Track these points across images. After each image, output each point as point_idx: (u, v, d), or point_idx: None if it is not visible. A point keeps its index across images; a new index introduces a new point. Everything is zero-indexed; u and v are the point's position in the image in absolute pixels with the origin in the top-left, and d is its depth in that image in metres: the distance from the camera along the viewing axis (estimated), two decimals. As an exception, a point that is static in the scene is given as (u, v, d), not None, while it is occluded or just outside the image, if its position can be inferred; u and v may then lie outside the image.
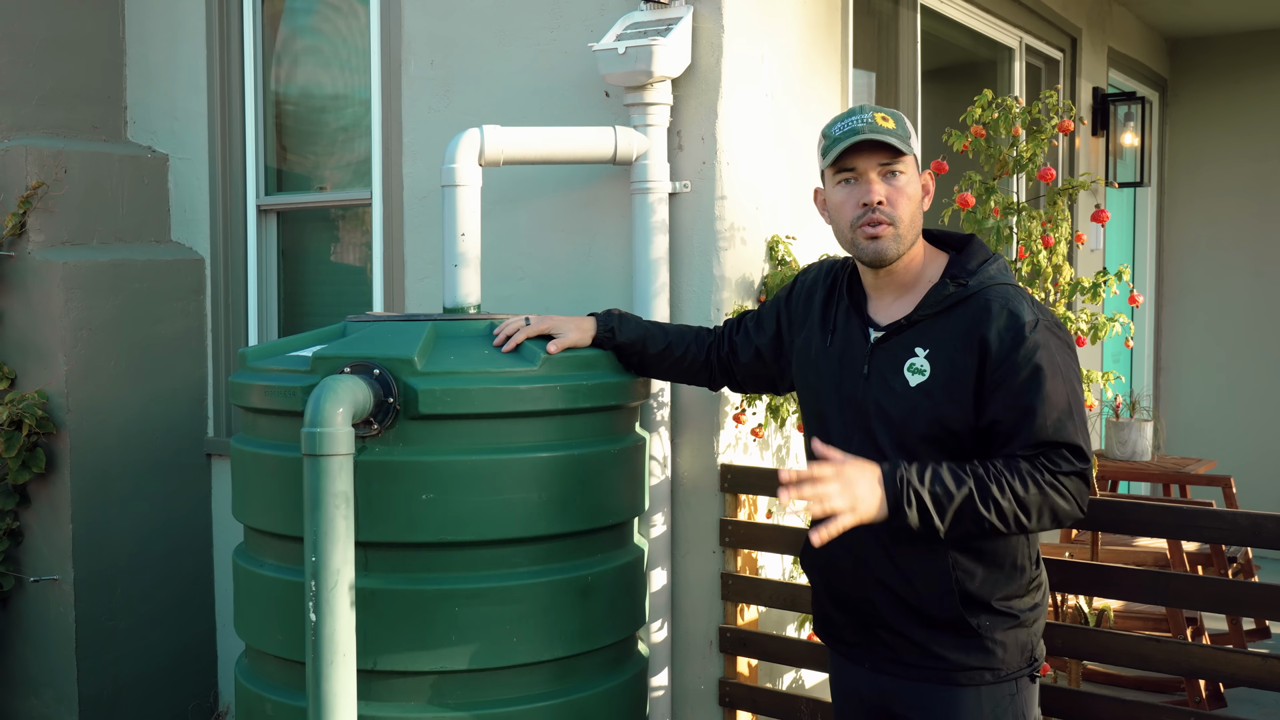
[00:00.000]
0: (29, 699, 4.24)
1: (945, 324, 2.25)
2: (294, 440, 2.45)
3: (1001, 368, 2.17)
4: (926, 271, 2.33)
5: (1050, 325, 2.22)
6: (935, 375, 2.23)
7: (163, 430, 4.28)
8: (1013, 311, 2.20)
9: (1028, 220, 3.22)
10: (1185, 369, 7.39)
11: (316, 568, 2.36)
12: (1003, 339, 2.18)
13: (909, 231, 2.28)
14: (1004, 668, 2.26)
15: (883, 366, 2.29)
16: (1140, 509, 2.63)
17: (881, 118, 2.28)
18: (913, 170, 2.31)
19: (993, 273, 2.27)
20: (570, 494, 2.67)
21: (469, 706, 2.59)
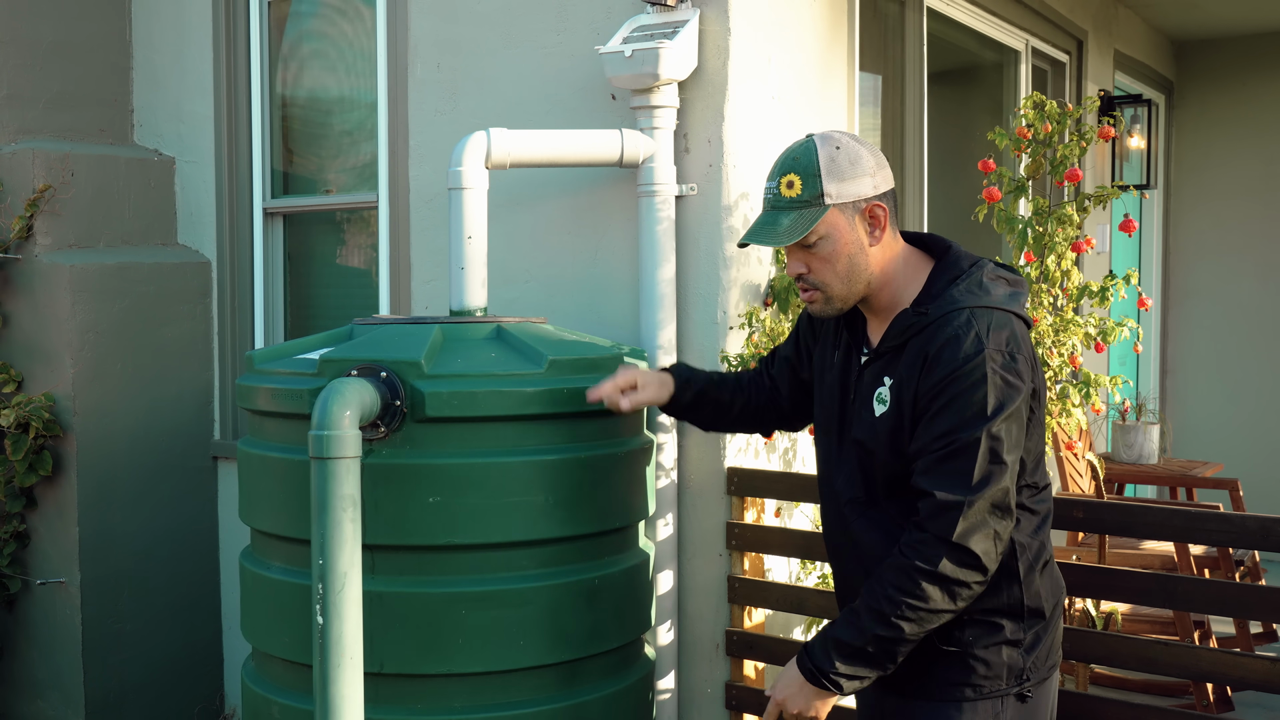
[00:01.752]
0: (35, 702, 4.25)
1: (906, 353, 2.18)
2: (301, 443, 2.45)
3: (928, 394, 2.12)
4: (905, 292, 2.25)
5: (998, 354, 2.10)
6: (892, 405, 2.19)
7: (169, 433, 4.29)
8: (954, 339, 2.11)
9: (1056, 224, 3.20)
10: (1192, 372, 7.37)
11: (324, 570, 2.35)
12: (935, 363, 2.11)
13: (845, 286, 2.22)
14: (986, 685, 2.18)
15: (863, 394, 2.27)
16: (1148, 512, 2.62)
17: (787, 183, 2.19)
18: (833, 225, 2.18)
19: (956, 295, 2.16)
20: (577, 497, 2.66)
21: (475, 710, 2.59)
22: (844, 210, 2.19)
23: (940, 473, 2.09)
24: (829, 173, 2.18)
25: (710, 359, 3.24)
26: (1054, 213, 3.22)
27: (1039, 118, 3.27)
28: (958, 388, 2.09)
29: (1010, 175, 3.35)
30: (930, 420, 2.11)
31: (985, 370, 2.08)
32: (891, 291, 2.25)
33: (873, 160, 2.23)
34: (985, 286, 2.19)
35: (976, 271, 2.21)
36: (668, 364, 3.20)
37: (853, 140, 2.24)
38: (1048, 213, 3.23)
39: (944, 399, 2.10)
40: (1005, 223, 3.28)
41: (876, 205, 2.21)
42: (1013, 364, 2.12)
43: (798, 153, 2.22)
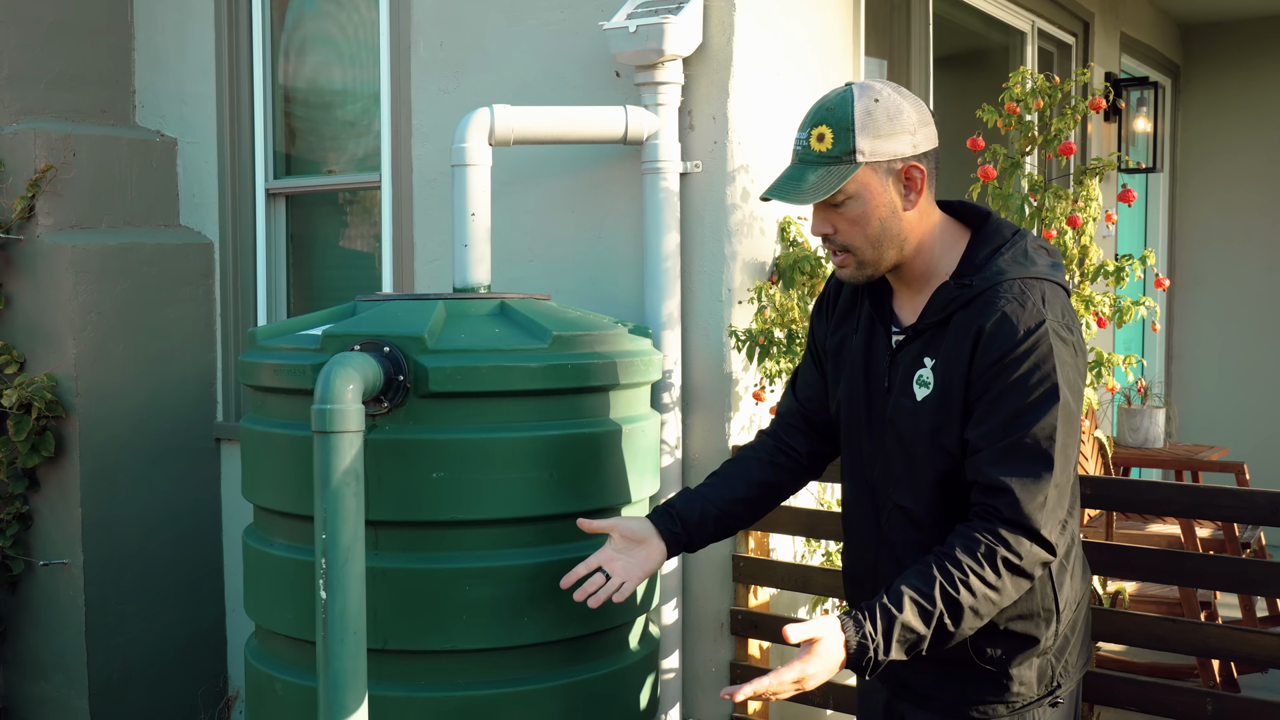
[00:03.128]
0: (39, 683, 4.24)
1: (950, 330, 2.02)
2: (304, 419, 2.43)
3: (986, 374, 1.96)
4: (943, 262, 2.08)
5: (1059, 328, 1.96)
6: (937, 388, 2.03)
7: (172, 414, 4.28)
8: (1008, 312, 1.95)
9: (1053, 198, 3.18)
10: (1198, 358, 7.35)
11: (327, 545, 2.34)
12: (992, 340, 1.95)
13: (876, 251, 2.05)
14: (1019, 700, 2.08)
15: (899, 378, 2.10)
16: (1156, 488, 2.60)
17: (818, 135, 2.01)
18: (863, 184, 2.01)
19: (1002, 265, 2.01)
20: (581, 473, 2.65)
21: (479, 686, 2.58)
22: (877, 169, 2.01)
23: (1013, 460, 1.93)
24: (864, 127, 1.99)
25: (714, 335, 3.22)
26: (1050, 187, 3.20)
27: (1030, 93, 3.25)
28: (1022, 365, 1.93)
29: (1005, 152, 3.33)
30: (993, 402, 1.95)
31: (1050, 343, 1.93)
32: (926, 261, 2.08)
33: (915, 116, 2.04)
34: (1031, 256, 2.04)
35: (1020, 240, 2.06)
36: (672, 342, 3.19)
37: (895, 92, 2.04)
38: (1044, 188, 3.21)
39: (1007, 377, 1.93)
40: (1000, 200, 3.26)
41: (914, 166, 2.03)
42: (1073, 336, 1.98)
43: (833, 103, 2.03)
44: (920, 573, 1.95)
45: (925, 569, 1.96)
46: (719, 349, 3.24)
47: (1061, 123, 3.24)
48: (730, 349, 3.22)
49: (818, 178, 2.00)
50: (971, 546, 1.94)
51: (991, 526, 1.94)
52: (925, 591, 1.93)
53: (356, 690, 2.35)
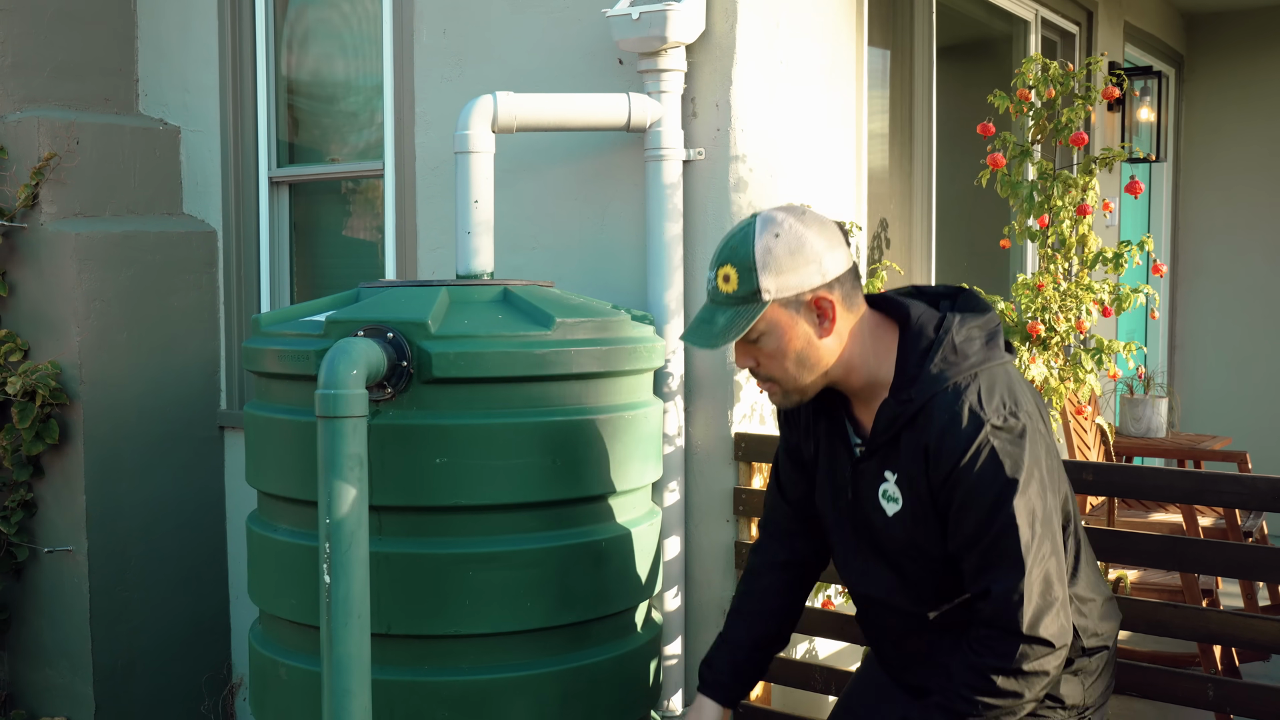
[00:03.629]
0: (44, 670, 4.26)
1: (902, 447, 2.06)
2: (308, 405, 2.44)
3: (944, 489, 2.00)
4: (881, 370, 2.10)
5: (998, 423, 1.98)
6: (907, 502, 2.08)
7: (176, 402, 4.28)
8: (948, 425, 1.98)
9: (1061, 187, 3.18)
10: (1200, 348, 7.34)
11: (330, 530, 2.35)
12: (940, 460, 1.99)
13: (797, 380, 2.09)
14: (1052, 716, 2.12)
15: (862, 492, 2.15)
16: (1158, 474, 2.61)
17: (723, 276, 2.05)
18: (773, 321, 2.04)
19: (935, 370, 2.03)
20: (584, 459, 2.66)
21: (483, 670, 2.59)
22: (785, 305, 2.04)
23: (988, 568, 1.98)
24: (764, 266, 2.02)
25: (718, 324, 3.22)
26: (1059, 176, 3.20)
27: (1042, 80, 3.25)
28: (971, 474, 1.97)
29: (1014, 140, 3.32)
30: (956, 516, 2.01)
31: (992, 445, 1.96)
32: (863, 374, 2.11)
33: (821, 243, 2.05)
34: (960, 349, 2.05)
35: (945, 335, 2.06)
36: (675, 329, 3.19)
37: (798, 222, 2.05)
38: (1052, 176, 3.21)
39: (961, 491, 1.98)
40: (1009, 188, 3.26)
41: (822, 297, 2.04)
42: (1015, 420, 2.00)
43: (736, 241, 2.07)
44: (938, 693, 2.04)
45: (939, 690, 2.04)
46: (722, 336, 3.24)
47: (1072, 112, 3.23)
48: (733, 336, 3.22)
49: (727, 320, 2.05)
50: (967, 660, 2.01)
51: (981, 633, 2.00)
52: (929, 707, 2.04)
53: (360, 674, 2.36)
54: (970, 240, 5.08)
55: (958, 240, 4.83)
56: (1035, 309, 3.14)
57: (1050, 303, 3.13)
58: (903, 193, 4.44)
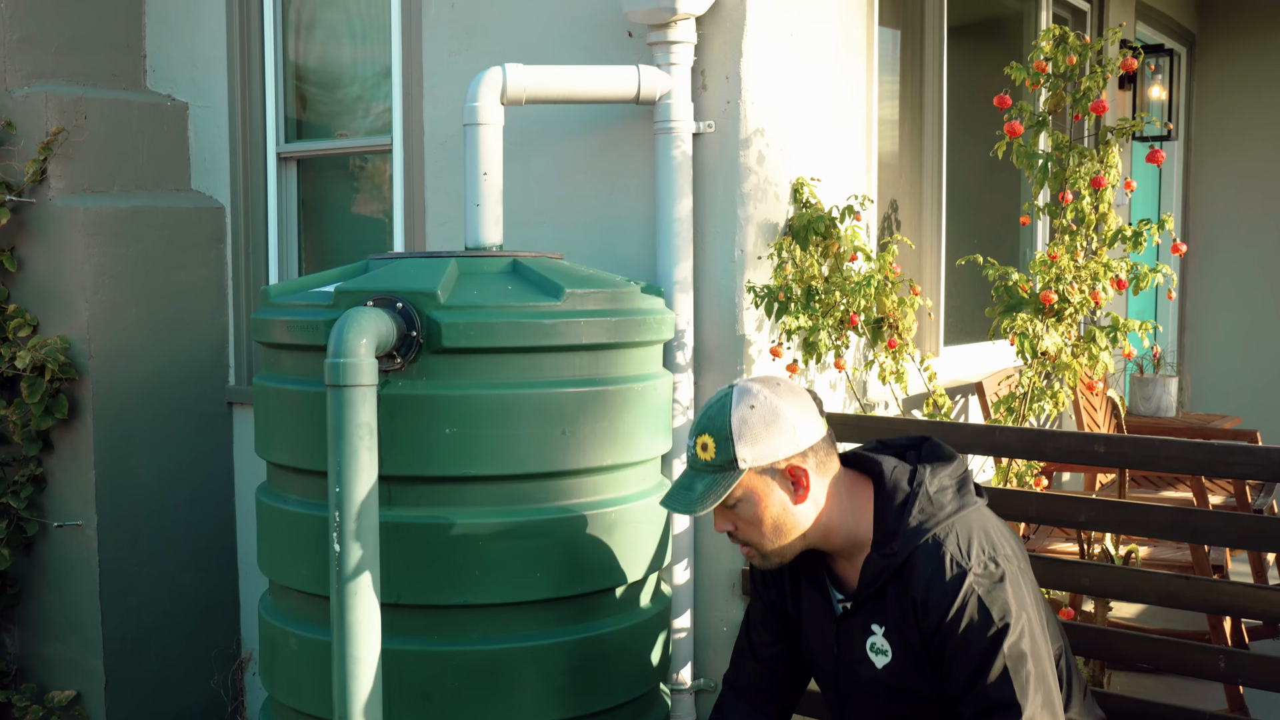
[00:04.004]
0: (54, 644, 4.27)
1: (889, 600, 2.16)
2: (317, 375, 2.44)
3: (936, 638, 2.09)
4: (859, 529, 2.20)
5: (979, 570, 2.08)
6: (897, 654, 2.17)
7: (184, 378, 4.28)
8: (933, 577, 2.08)
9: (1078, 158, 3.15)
10: (1210, 328, 7.32)
11: (340, 499, 2.35)
12: (929, 611, 2.09)
13: (775, 544, 2.18)
14: None
15: (848, 647, 2.24)
16: (1170, 445, 2.59)
17: (702, 445, 2.16)
18: (749, 489, 2.14)
19: (914, 523, 2.13)
20: (593, 430, 2.65)
21: (493, 640, 2.59)
22: (761, 473, 2.14)
23: (988, 713, 2.05)
24: (740, 436, 2.13)
25: (727, 296, 3.21)
26: (1075, 147, 3.18)
27: (1061, 51, 3.22)
28: (960, 625, 2.06)
29: (1031, 109, 3.30)
30: (950, 664, 2.09)
31: (977, 594, 2.05)
32: (842, 534, 2.20)
33: (794, 413, 2.16)
34: (935, 500, 2.15)
35: (919, 487, 2.16)
36: (685, 303, 3.19)
37: (772, 394, 2.16)
38: (1068, 147, 3.18)
39: (953, 641, 2.07)
40: (1025, 159, 3.24)
41: (795, 466, 2.14)
42: (995, 566, 2.09)
43: (714, 411, 2.18)
44: None
45: None
46: (732, 310, 3.23)
47: (1091, 80, 3.21)
48: (744, 310, 3.21)
49: (704, 486, 2.15)
50: None
51: None
52: None
53: (370, 644, 2.37)
54: (980, 219, 5.05)
55: (968, 219, 4.81)
56: (1049, 279, 3.12)
57: (1065, 273, 3.11)
58: (913, 170, 4.41)
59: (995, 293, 3.30)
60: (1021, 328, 3.07)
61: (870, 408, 3.73)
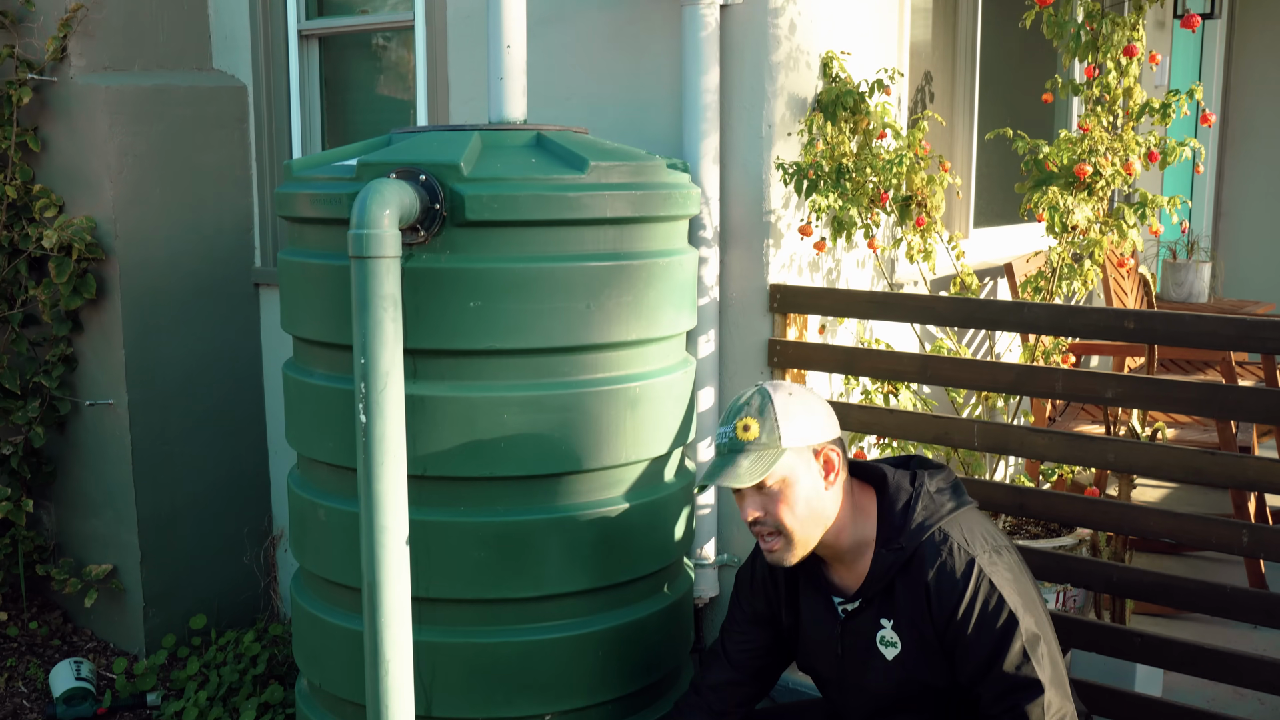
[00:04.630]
0: (90, 520, 4.36)
1: (897, 591, 2.26)
2: (341, 249, 2.43)
3: (950, 627, 2.19)
4: (864, 530, 2.30)
5: (985, 555, 2.20)
6: (907, 645, 2.27)
7: (210, 259, 4.29)
8: (943, 565, 2.19)
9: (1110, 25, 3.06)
10: (1247, 214, 7.19)
11: (366, 370, 2.36)
12: (942, 600, 2.19)
13: (805, 530, 2.26)
14: None
15: (855, 645, 2.34)
16: (1201, 320, 2.56)
17: (744, 426, 2.25)
18: (787, 473, 2.23)
19: (918, 519, 2.25)
20: (617, 305, 2.64)
21: (519, 512, 2.61)
22: (800, 454, 2.25)
23: (1006, 697, 2.15)
24: (784, 416, 2.25)
25: (754, 172, 3.17)
26: (1107, 14, 3.08)
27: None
28: (974, 612, 2.16)
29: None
30: (966, 650, 2.18)
31: (986, 579, 2.17)
32: (850, 535, 2.29)
33: (822, 409, 2.32)
34: (935, 499, 2.28)
35: (921, 487, 2.29)
36: (711, 178, 3.15)
37: (802, 389, 2.33)
38: (1100, 14, 3.09)
39: (966, 628, 2.17)
40: (1054, 27, 3.14)
41: (831, 449, 2.27)
42: (1000, 553, 2.23)
43: (752, 398, 2.29)
44: None
45: None
46: (759, 186, 3.19)
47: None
48: (771, 186, 3.17)
49: (750, 462, 2.23)
50: None
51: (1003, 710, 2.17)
52: None
53: (397, 513, 2.40)
54: (1014, 100, 4.95)
55: (1001, 100, 4.70)
56: (1082, 151, 3.06)
57: (1098, 144, 3.05)
58: (946, 47, 4.31)
59: (1025, 167, 3.24)
60: (1051, 201, 3.02)
61: (898, 287, 3.70)
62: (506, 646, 2.65)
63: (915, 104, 4.04)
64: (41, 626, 4.44)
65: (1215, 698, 3.11)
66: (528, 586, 2.63)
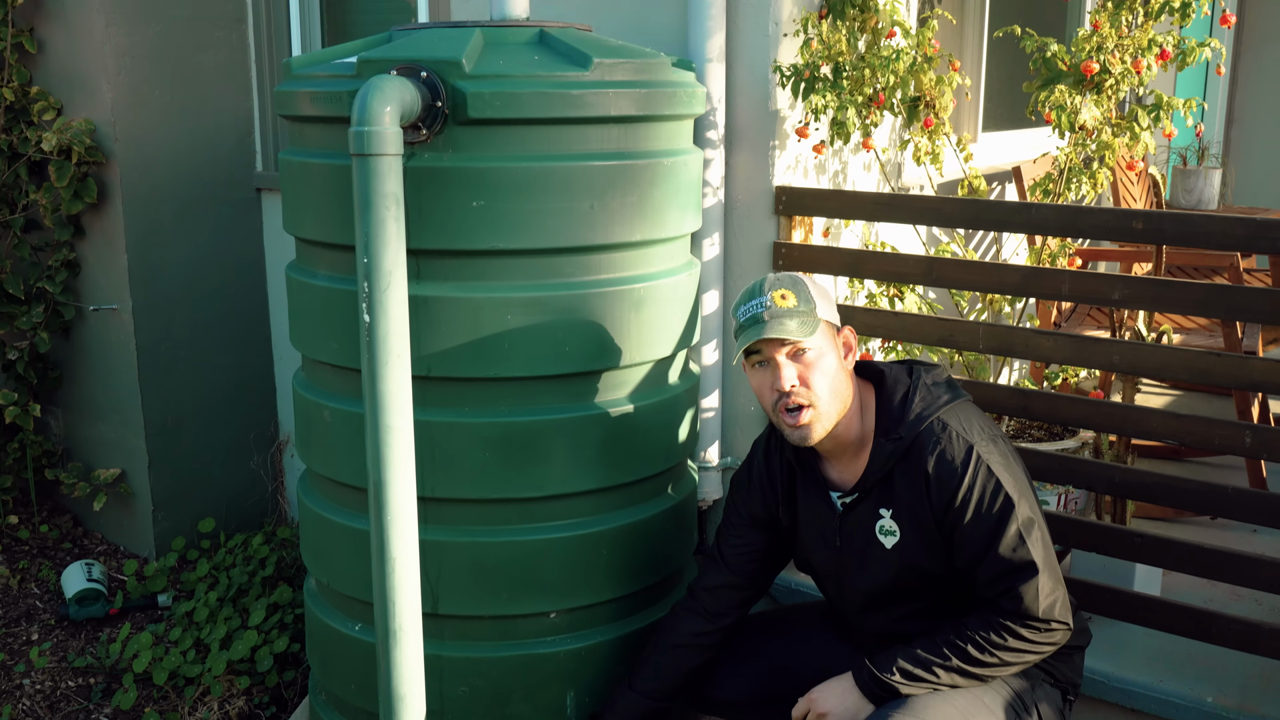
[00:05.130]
0: (97, 425, 4.38)
1: (896, 481, 2.31)
2: (342, 148, 2.39)
3: (949, 512, 2.24)
4: (864, 422, 2.35)
5: (983, 443, 2.26)
6: (905, 533, 2.32)
7: (211, 163, 4.25)
8: (943, 453, 2.25)
9: None
10: (1260, 120, 7.10)
11: (368, 269, 2.34)
12: (942, 485, 2.24)
13: (831, 405, 2.29)
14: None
15: (854, 536, 2.39)
16: (1211, 220, 2.54)
17: (780, 295, 2.28)
18: (823, 341, 2.28)
19: (916, 410, 2.30)
20: (622, 205, 2.61)
21: (523, 413, 2.62)
22: (829, 328, 2.32)
23: (1003, 578, 2.22)
24: (816, 293, 2.32)
25: (760, 71, 3.12)
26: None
27: None
28: (972, 497, 2.22)
29: None
30: (965, 535, 2.24)
31: (984, 465, 2.23)
32: (854, 426, 2.35)
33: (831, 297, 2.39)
34: (932, 391, 2.33)
35: (918, 380, 2.35)
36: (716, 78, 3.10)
37: (813, 278, 2.40)
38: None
39: (965, 513, 2.23)
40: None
41: (849, 330, 2.37)
42: (995, 442, 2.29)
43: (773, 277, 2.33)
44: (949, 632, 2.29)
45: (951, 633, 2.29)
46: (764, 87, 3.14)
47: None
48: (776, 86, 3.12)
49: (797, 323, 2.26)
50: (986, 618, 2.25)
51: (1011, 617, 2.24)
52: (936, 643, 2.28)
53: (402, 413, 2.40)
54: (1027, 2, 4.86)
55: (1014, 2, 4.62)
56: (1090, 48, 3.00)
57: (1106, 40, 2.99)
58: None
59: (1034, 65, 3.19)
60: (1059, 100, 2.97)
61: (904, 192, 3.67)
62: (512, 546, 2.67)
63: (924, 2, 3.96)
64: (52, 530, 4.49)
65: (1213, 598, 3.14)
66: (532, 487, 2.65)
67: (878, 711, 2.26)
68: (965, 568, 2.28)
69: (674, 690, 2.63)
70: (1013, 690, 2.32)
